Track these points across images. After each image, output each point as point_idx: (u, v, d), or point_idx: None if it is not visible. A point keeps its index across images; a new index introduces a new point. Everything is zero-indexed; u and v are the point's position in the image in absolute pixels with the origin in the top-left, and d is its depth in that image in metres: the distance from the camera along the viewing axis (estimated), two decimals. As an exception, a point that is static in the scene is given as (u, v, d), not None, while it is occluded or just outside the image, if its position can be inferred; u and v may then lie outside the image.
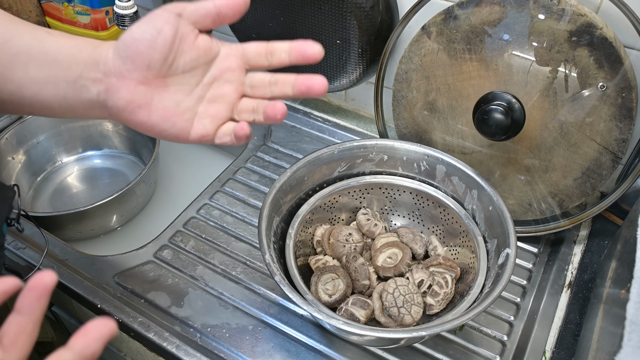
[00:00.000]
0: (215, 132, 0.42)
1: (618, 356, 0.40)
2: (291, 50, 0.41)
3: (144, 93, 0.40)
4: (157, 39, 0.38)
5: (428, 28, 0.68)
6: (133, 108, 0.40)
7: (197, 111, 0.42)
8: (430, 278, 0.61)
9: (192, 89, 0.41)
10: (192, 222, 0.75)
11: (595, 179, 0.66)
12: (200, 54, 0.40)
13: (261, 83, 0.42)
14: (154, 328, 0.61)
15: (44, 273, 0.32)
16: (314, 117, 0.92)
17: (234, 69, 0.42)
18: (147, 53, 0.38)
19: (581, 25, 0.59)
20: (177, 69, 0.40)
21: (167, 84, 0.40)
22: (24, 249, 0.68)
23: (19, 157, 0.89)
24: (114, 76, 0.39)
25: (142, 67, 0.39)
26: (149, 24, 0.38)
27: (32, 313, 0.31)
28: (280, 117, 0.41)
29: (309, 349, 0.61)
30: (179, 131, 0.42)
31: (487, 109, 0.65)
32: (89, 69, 0.40)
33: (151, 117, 0.41)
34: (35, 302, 0.31)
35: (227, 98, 0.42)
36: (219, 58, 0.42)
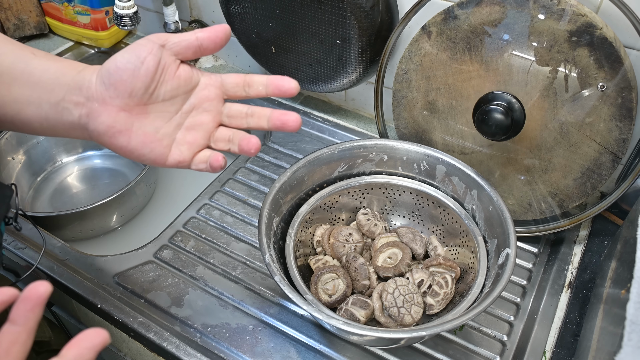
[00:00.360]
0: (191, 159, 0.44)
1: (618, 356, 0.40)
2: (268, 84, 0.43)
3: (125, 119, 0.41)
4: (140, 68, 0.40)
5: (428, 28, 0.68)
6: (113, 133, 0.41)
7: (175, 138, 0.44)
8: (430, 278, 0.61)
9: (171, 116, 0.43)
10: (192, 222, 0.75)
11: (595, 179, 0.66)
12: (181, 83, 0.42)
13: (238, 114, 0.45)
14: (154, 328, 0.61)
15: (38, 283, 0.32)
16: (314, 117, 0.92)
17: (212, 99, 0.44)
18: (129, 82, 0.40)
19: (581, 25, 0.59)
20: (158, 97, 0.42)
21: (148, 111, 0.42)
22: (23, 249, 0.68)
23: (19, 157, 0.89)
24: (96, 101, 0.41)
25: (124, 94, 0.40)
26: (133, 54, 0.40)
27: (26, 323, 0.32)
28: (254, 151, 0.43)
29: (309, 349, 0.61)
30: (157, 156, 0.43)
31: (487, 109, 0.65)
32: (72, 92, 0.41)
33: (130, 142, 0.42)
34: (29, 312, 0.32)
35: (204, 126, 0.44)
36: (199, 87, 0.44)
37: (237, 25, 0.86)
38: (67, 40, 1.08)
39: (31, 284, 0.32)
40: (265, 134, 0.89)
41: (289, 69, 0.86)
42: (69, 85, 0.41)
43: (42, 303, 0.32)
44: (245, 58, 0.97)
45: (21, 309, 0.32)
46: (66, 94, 0.41)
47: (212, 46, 0.42)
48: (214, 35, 0.41)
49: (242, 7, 0.82)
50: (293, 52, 0.83)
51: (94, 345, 0.33)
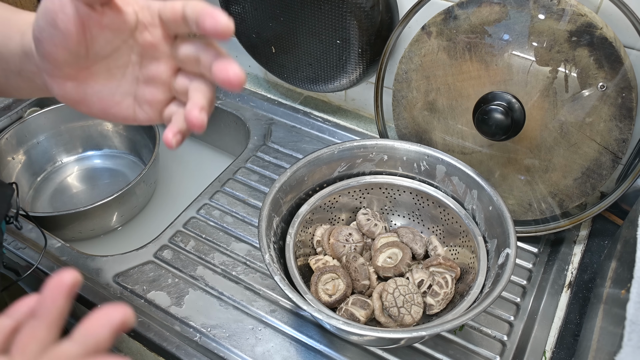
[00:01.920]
0: (160, 117, 0.38)
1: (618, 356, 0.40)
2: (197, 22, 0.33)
3: (75, 88, 0.36)
4: (56, 35, 0.33)
5: (428, 28, 0.68)
6: (71, 103, 0.37)
7: (135, 95, 0.37)
8: (430, 278, 0.61)
9: (123, 72, 0.37)
10: (192, 222, 0.75)
11: (595, 179, 0.66)
12: (114, 32, 0.34)
13: (188, 59, 0.36)
14: (154, 328, 0.61)
15: (64, 271, 0.29)
16: (314, 117, 0.92)
17: (155, 44, 0.35)
18: (54, 52, 0.34)
19: (581, 25, 0.59)
20: (97, 56, 0.35)
21: (95, 73, 0.36)
22: (24, 249, 0.68)
23: (19, 157, 0.89)
24: (44, 72, 0.36)
25: (58, 65, 0.35)
26: (44, 19, 0.33)
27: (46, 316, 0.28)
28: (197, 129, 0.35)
29: (309, 349, 0.61)
30: (125, 118, 0.38)
31: (487, 109, 0.65)
32: (24, 62, 0.37)
33: (92, 110, 0.37)
34: (50, 305, 0.28)
35: (159, 78, 0.37)
36: (138, 30, 0.35)
37: (237, 25, 0.86)
38: (67, 40, 1.08)
39: (58, 273, 0.29)
40: (265, 133, 0.89)
41: (289, 69, 0.86)
42: (18, 54, 0.37)
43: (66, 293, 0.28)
44: (245, 58, 0.97)
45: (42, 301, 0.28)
46: (21, 64, 0.37)
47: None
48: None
49: (242, 7, 0.82)
50: (293, 52, 0.83)
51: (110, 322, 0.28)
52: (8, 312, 0.29)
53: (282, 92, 0.98)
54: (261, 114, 0.93)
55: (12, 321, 0.29)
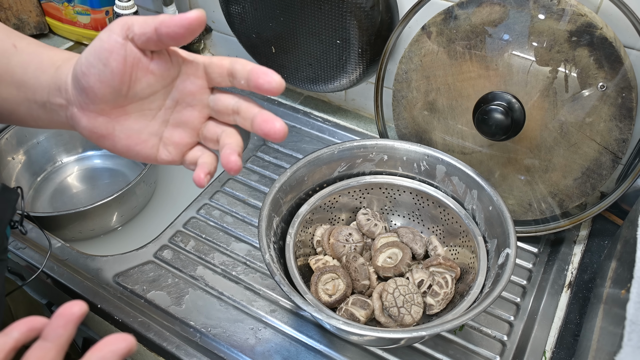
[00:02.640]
0: (181, 159, 0.41)
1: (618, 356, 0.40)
2: (249, 80, 0.37)
3: (105, 124, 0.38)
4: (105, 72, 0.35)
5: (428, 28, 0.68)
6: (97, 137, 0.39)
7: (162, 136, 0.40)
8: (430, 278, 0.61)
9: (154, 114, 0.39)
10: (192, 222, 0.75)
11: (595, 179, 0.66)
12: (157, 78, 0.37)
13: (225, 109, 0.39)
14: (154, 328, 0.61)
15: (73, 302, 0.32)
16: (314, 117, 0.92)
17: (194, 93, 0.39)
18: (97, 88, 0.36)
19: (581, 25, 0.59)
20: (135, 97, 0.38)
21: (128, 111, 0.38)
22: (24, 249, 0.68)
23: (19, 157, 0.89)
24: (75, 106, 0.38)
25: (96, 100, 0.37)
26: (95, 56, 0.35)
27: (58, 340, 0.31)
28: (234, 172, 0.38)
29: (309, 349, 0.61)
30: (146, 157, 0.40)
31: (487, 109, 0.65)
32: (53, 94, 0.39)
33: (115, 146, 0.39)
34: (61, 329, 0.31)
35: (190, 123, 0.40)
36: (179, 79, 0.39)
37: (237, 25, 0.86)
38: (67, 40, 1.08)
39: (67, 303, 0.32)
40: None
41: (289, 69, 0.86)
42: (49, 86, 0.39)
43: (76, 322, 0.32)
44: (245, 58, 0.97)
45: (54, 326, 0.31)
46: (49, 96, 0.39)
47: (173, 42, 0.35)
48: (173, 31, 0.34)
49: (242, 7, 0.82)
50: (293, 52, 0.83)
51: (119, 349, 0.32)
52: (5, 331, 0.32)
53: (282, 92, 0.97)
54: (261, 114, 0.93)
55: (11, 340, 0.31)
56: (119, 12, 0.88)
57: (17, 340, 0.32)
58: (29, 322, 0.32)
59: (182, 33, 0.34)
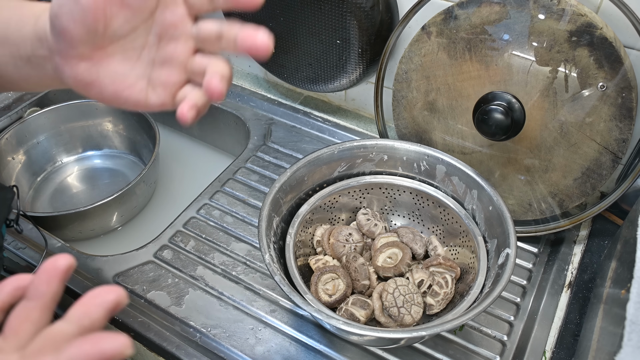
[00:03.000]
0: (172, 101, 0.38)
1: (618, 356, 0.40)
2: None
3: (88, 69, 0.36)
4: (76, 10, 0.32)
5: (428, 28, 0.68)
6: (83, 86, 0.37)
7: (149, 78, 0.37)
8: (430, 278, 0.61)
9: (139, 54, 0.36)
10: (192, 222, 0.75)
11: (595, 179, 0.66)
12: (134, 12, 0.34)
13: (209, 36, 0.36)
14: (154, 328, 0.61)
15: (59, 256, 0.29)
16: (314, 117, 0.92)
17: (176, 23, 0.35)
18: (71, 28, 0.33)
19: (581, 25, 0.59)
20: (114, 35, 0.35)
21: (110, 53, 0.35)
22: (23, 249, 0.68)
23: (19, 157, 0.89)
24: (57, 54, 0.36)
25: (73, 43, 0.34)
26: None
27: (40, 298, 0.29)
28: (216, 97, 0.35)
29: (309, 349, 0.61)
30: (136, 102, 0.38)
31: (487, 109, 0.65)
32: (36, 46, 0.37)
33: (103, 93, 0.37)
34: (44, 286, 0.29)
35: (176, 59, 0.36)
36: (159, 11, 0.35)
37: (237, 25, 0.86)
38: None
39: (52, 256, 0.30)
40: (265, 133, 0.89)
41: (289, 69, 0.86)
42: (31, 39, 0.37)
43: (60, 277, 0.29)
44: (245, 58, 0.97)
45: (36, 283, 0.29)
46: (32, 49, 0.37)
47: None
48: None
49: (242, 7, 0.82)
50: (293, 52, 0.83)
51: (105, 302, 0.29)
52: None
53: (282, 92, 0.98)
54: (261, 114, 0.93)
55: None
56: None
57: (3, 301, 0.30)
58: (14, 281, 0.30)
59: None
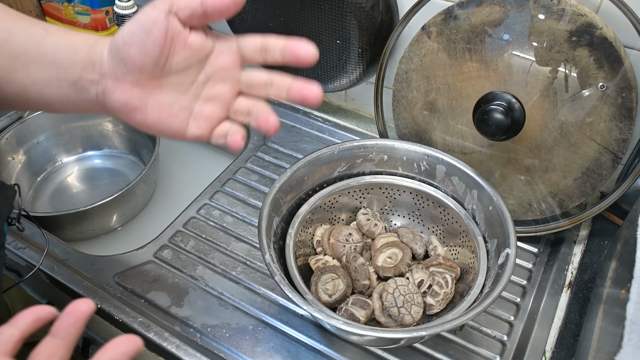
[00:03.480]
0: (210, 133, 0.42)
1: (618, 356, 0.40)
2: (285, 50, 0.39)
3: (139, 95, 0.39)
4: (147, 42, 0.37)
5: (428, 28, 0.68)
6: (129, 110, 0.40)
7: (192, 111, 0.41)
8: (430, 278, 0.61)
9: (187, 88, 0.41)
10: (192, 222, 0.75)
11: (595, 179, 0.66)
12: (193, 53, 0.39)
13: (257, 83, 0.41)
14: (154, 328, 0.61)
15: (81, 301, 0.33)
16: (314, 117, 0.92)
17: (228, 67, 0.41)
18: (138, 57, 0.37)
19: (581, 25, 0.59)
20: (171, 70, 0.39)
21: (162, 84, 0.40)
22: (24, 249, 0.68)
23: (19, 157, 0.89)
24: (109, 78, 0.39)
25: (134, 70, 0.38)
26: (138, 26, 0.37)
27: (66, 337, 0.32)
28: (272, 132, 0.40)
29: (309, 349, 0.61)
30: (175, 131, 0.41)
31: (487, 109, 0.65)
32: (86, 70, 0.40)
33: (147, 119, 0.40)
34: (70, 327, 0.33)
35: (221, 98, 0.41)
36: (213, 55, 0.40)
37: (237, 25, 0.86)
38: (67, 40, 1.08)
39: (75, 300, 0.33)
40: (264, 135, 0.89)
41: (289, 69, 0.86)
42: (83, 63, 0.40)
43: (84, 320, 0.33)
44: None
45: (63, 323, 0.33)
46: (82, 72, 0.40)
47: (218, 14, 0.37)
48: (219, 3, 0.37)
49: (242, 7, 0.82)
50: (293, 52, 0.83)
51: (128, 351, 0.33)
52: (12, 322, 0.33)
53: (282, 92, 0.97)
54: (261, 114, 0.93)
55: (17, 330, 0.33)
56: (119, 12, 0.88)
57: (24, 331, 0.33)
58: (34, 312, 0.34)
59: (227, 4, 0.37)
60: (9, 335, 0.32)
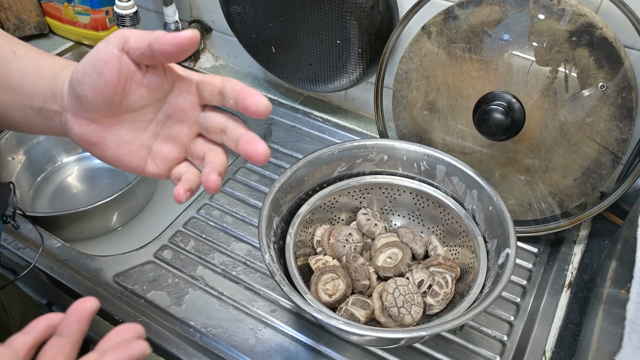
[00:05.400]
0: (167, 173, 0.41)
1: (618, 356, 0.40)
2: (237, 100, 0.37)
3: (96, 132, 0.39)
4: (99, 82, 0.36)
5: (428, 28, 0.68)
6: (88, 145, 0.39)
7: (151, 149, 0.40)
8: (430, 278, 0.61)
9: (146, 126, 0.40)
10: (192, 222, 0.75)
11: (595, 179, 0.66)
12: (150, 92, 0.38)
13: (213, 128, 0.40)
14: (154, 328, 0.61)
15: (85, 299, 0.34)
16: (314, 117, 0.92)
17: (186, 109, 0.39)
18: (91, 96, 0.36)
19: (581, 25, 0.59)
20: (128, 108, 0.38)
21: (120, 122, 0.39)
22: (24, 249, 0.68)
23: (19, 157, 0.90)
24: (69, 112, 0.39)
25: (89, 108, 0.37)
26: (90, 65, 0.36)
27: (72, 335, 0.33)
28: (211, 191, 0.39)
29: (309, 349, 0.61)
30: (134, 168, 0.41)
31: (487, 109, 0.65)
32: (49, 100, 0.39)
33: (105, 154, 0.40)
34: (75, 325, 0.33)
35: (179, 139, 0.40)
36: (172, 94, 0.39)
37: (237, 25, 0.86)
38: (67, 40, 1.08)
39: (80, 299, 0.34)
40: (265, 133, 0.89)
41: (289, 69, 0.86)
42: (45, 93, 0.39)
43: (88, 318, 0.33)
44: (245, 58, 0.97)
45: (68, 322, 0.33)
46: (45, 102, 0.40)
47: (166, 59, 0.35)
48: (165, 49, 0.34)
49: (242, 7, 0.82)
50: (293, 52, 0.83)
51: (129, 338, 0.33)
52: (26, 330, 0.34)
53: (282, 92, 0.98)
54: (261, 114, 0.93)
55: (30, 338, 0.33)
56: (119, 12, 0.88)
57: (37, 339, 0.33)
58: (47, 319, 0.34)
59: (174, 52, 0.34)
60: (22, 342, 0.33)
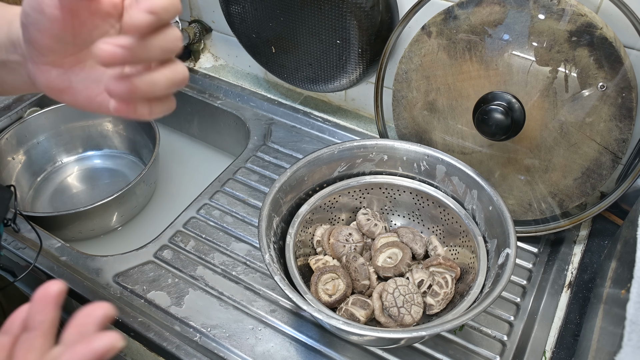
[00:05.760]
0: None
1: (618, 356, 0.40)
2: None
3: (60, 76, 0.35)
4: (42, 21, 0.31)
5: (428, 28, 0.68)
6: (56, 92, 0.36)
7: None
8: (430, 278, 0.61)
9: None
10: (192, 222, 0.75)
11: (595, 179, 0.66)
12: (103, 18, 0.33)
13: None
14: (154, 328, 0.61)
15: (50, 283, 0.30)
16: (314, 117, 0.92)
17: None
18: (39, 38, 0.32)
19: (581, 25, 0.59)
20: (85, 43, 0.33)
21: (81, 59, 0.35)
22: (24, 249, 0.68)
23: (19, 157, 0.89)
24: (29, 61, 0.35)
25: (43, 51, 0.33)
26: (30, 3, 0.31)
27: (40, 326, 0.30)
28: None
29: (309, 349, 0.61)
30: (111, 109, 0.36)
31: (487, 109, 0.65)
32: (10, 51, 0.36)
33: (77, 100, 0.36)
34: (41, 315, 0.30)
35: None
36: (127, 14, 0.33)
37: (237, 25, 0.86)
38: None
39: (43, 284, 0.30)
40: (265, 133, 0.89)
41: (289, 69, 0.86)
42: (5, 44, 0.36)
43: (55, 302, 0.30)
44: (245, 58, 0.97)
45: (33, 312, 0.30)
46: (7, 54, 0.36)
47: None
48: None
49: (242, 7, 0.82)
50: (293, 52, 0.83)
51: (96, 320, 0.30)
52: (3, 329, 0.31)
53: (282, 92, 0.98)
54: (261, 114, 0.93)
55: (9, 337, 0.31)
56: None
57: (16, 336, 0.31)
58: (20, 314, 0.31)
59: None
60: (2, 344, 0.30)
